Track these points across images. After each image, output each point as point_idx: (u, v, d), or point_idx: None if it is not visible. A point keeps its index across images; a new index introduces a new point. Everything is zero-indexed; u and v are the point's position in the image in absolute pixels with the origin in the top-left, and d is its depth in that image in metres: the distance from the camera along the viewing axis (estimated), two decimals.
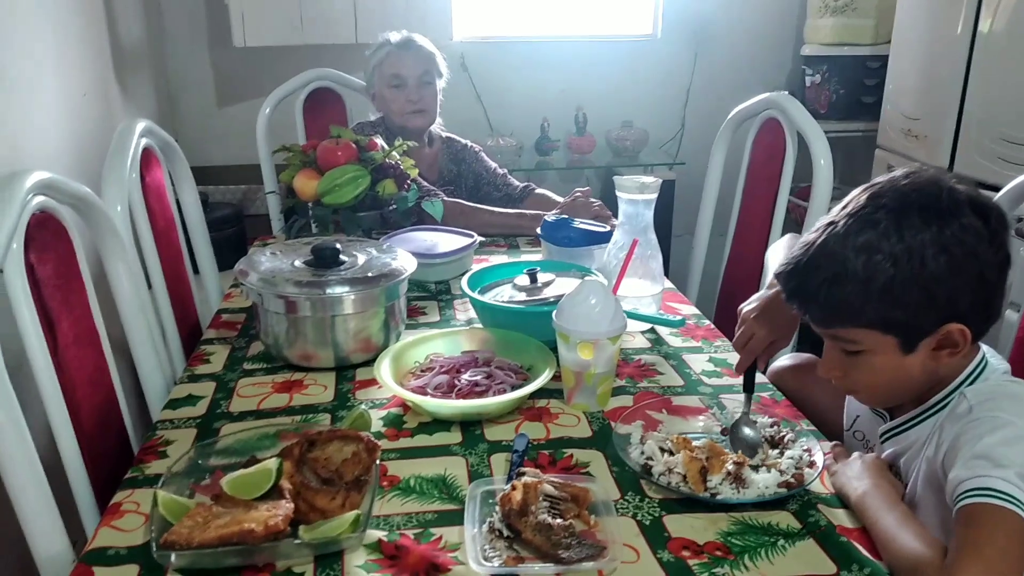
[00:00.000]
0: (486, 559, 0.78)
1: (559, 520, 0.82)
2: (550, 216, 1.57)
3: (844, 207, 0.88)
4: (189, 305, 1.56)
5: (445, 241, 1.62)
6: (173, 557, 0.76)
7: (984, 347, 0.90)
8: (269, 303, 1.19)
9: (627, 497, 0.89)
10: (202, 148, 2.71)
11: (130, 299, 1.16)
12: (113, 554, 0.80)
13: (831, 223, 0.87)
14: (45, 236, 0.98)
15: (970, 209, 0.82)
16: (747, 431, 0.98)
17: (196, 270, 1.69)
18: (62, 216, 1.04)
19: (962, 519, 0.75)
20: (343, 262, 1.25)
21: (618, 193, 1.33)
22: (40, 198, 0.97)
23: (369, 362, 1.18)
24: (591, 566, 0.77)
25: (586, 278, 1.10)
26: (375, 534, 0.82)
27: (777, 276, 0.93)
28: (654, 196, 1.31)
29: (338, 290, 1.18)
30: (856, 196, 0.87)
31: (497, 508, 0.84)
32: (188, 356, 1.32)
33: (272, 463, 0.83)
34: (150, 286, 1.36)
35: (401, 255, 1.31)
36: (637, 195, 1.31)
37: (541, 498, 0.84)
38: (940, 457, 0.83)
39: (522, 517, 0.82)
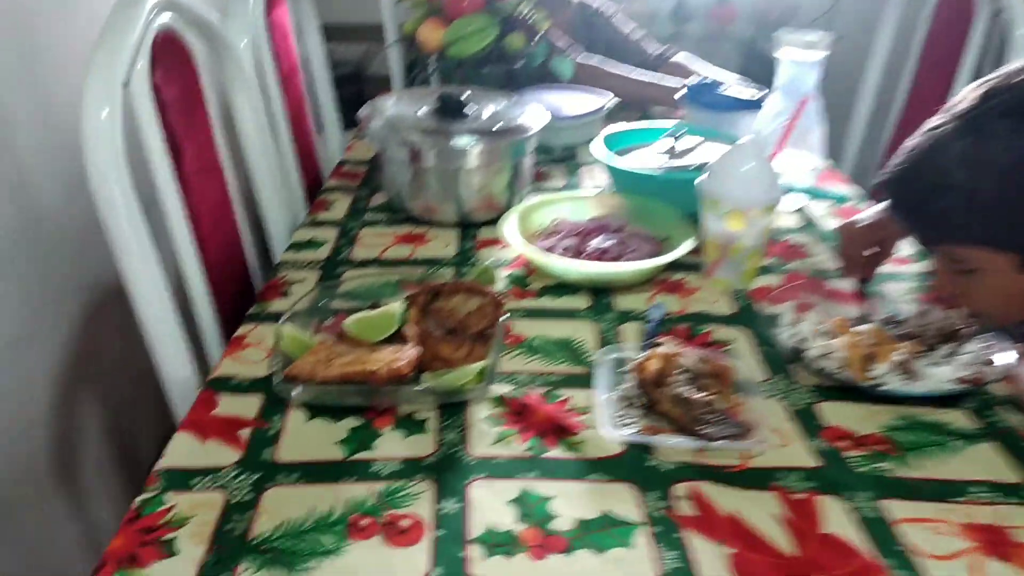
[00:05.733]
0: (619, 426, 0.72)
1: (699, 395, 0.75)
2: (694, 79, 1.43)
3: (952, 106, 0.74)
4: (311, 156, 1.52)
5: (573, 103, 1.51)
6: (295, 390, 0.74)
7: None
8: (393, 151, 1.14)
9: (775, 380, 0.81)
10: (321, 3, 2.62)
11: (254, 135, 1.12)
12: (236, 384, 0.79)
13: (936, 126, 0.74)
14: (170, 58, 0.93)
15: None
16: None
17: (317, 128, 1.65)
18: (187, 40, 0.99)
19: None
20: (469, 114, 1.17)
21: (779, 53, 1.17)
22: (165, 16, 0.92)
23: (491, 222, 1.11)
24: (735, 446, 0.70)
25: (742, 139, 0.98)
26: (500, 389, 0.78)
27: (878, 186, 0.81)
28: (823, 56, 1.15)
29: (463, 141, 1.10)
30: (966, 94, 0.74)
31: (630, 376, 0.77)
32: (310, 205, 1.29)
33: (396, 306, 0.79)
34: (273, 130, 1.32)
35: (531, 110, 1.22)
36: (802, 54, 1.16)
37: (679, 371, 0.77)
38: None
39: (658, 387, 0.75)
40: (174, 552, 0.59)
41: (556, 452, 0.70)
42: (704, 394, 0.74)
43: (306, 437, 0.72)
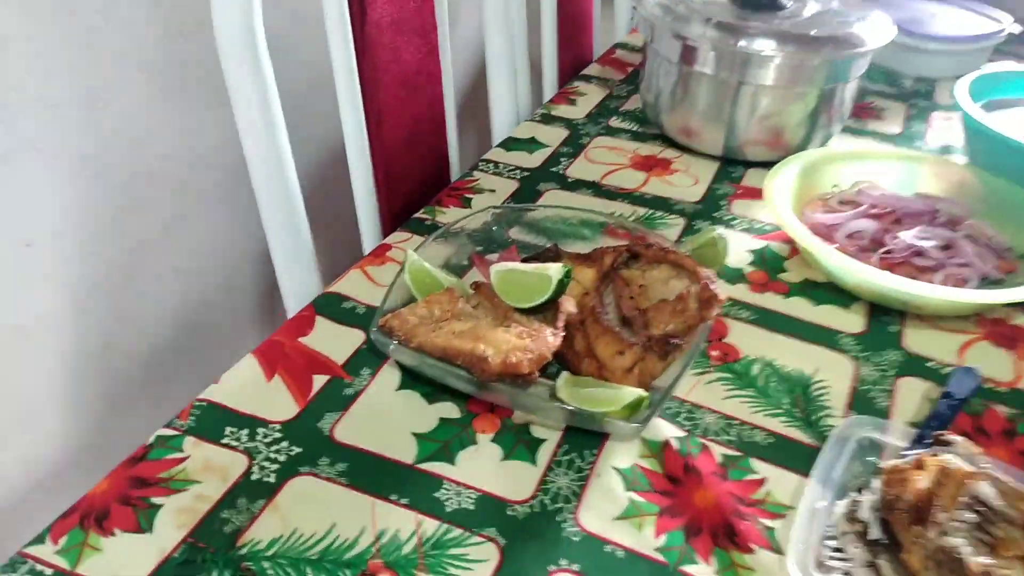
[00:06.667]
0: (820, 566, 0.44)
1: (984, 558, 0.43)
2: None
3: None
4: (584, 28, 1.25)
5: (955, 19, 1.08)
6: (391, 346, 0.55)
7: None
8: (661, 42, 0.86)
9: None
10: None
11: None
12: (347, 309, 0.63)
13: None
14: None
15: None
16: None
17: None
18: None
19: None
20: (785, 7, 0.84)
21: None
22: None
23: (769, 164, 0.80)
24: None
25: None
26: (663, 428, 0.53)
27: None
28: None
29: (760, 45, 0.79)
30: None
31: (879, 484, 0.47)
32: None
33: (556, 272, 0.56)
34: None
35: (875, 19, 0.85)
36: None
37: (963, 503, 0.46)
38: None
39: (917, 523, 0.45)
40: (148, 528, 0.45)
41: (704, 570, 0.44)
42: (991, 558, 0.43)
43: (384, 412, 0.53)
